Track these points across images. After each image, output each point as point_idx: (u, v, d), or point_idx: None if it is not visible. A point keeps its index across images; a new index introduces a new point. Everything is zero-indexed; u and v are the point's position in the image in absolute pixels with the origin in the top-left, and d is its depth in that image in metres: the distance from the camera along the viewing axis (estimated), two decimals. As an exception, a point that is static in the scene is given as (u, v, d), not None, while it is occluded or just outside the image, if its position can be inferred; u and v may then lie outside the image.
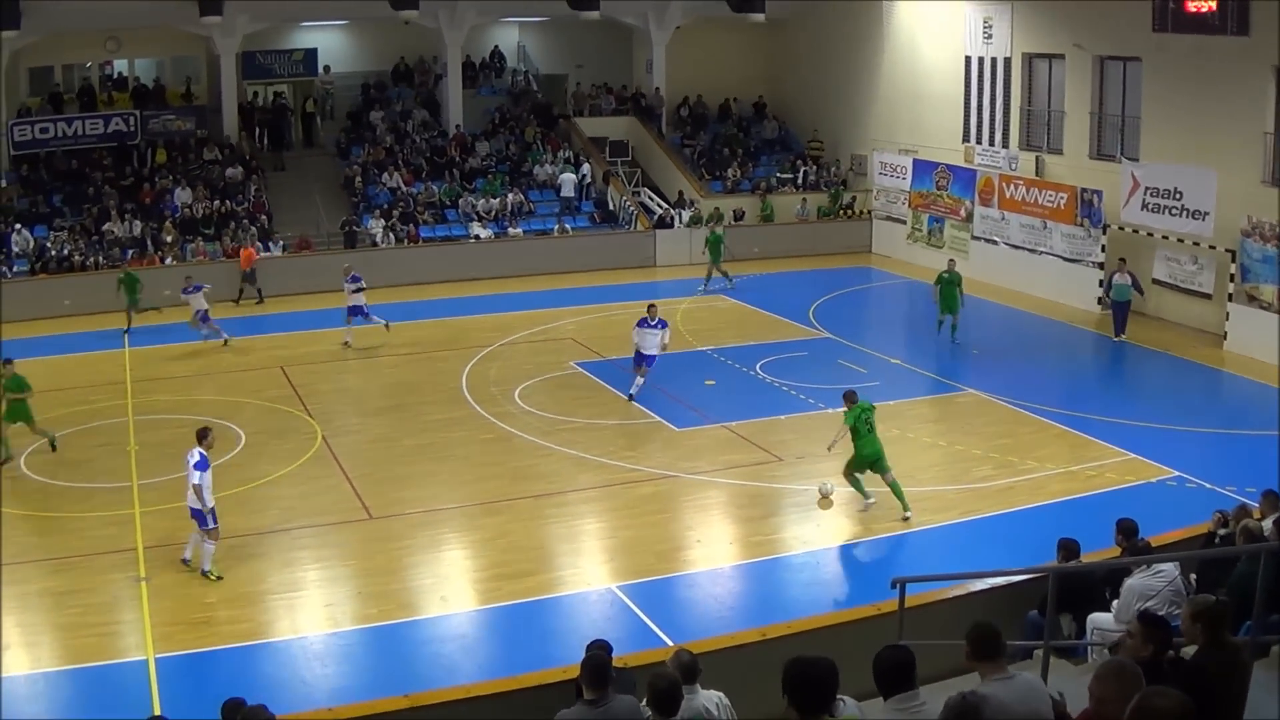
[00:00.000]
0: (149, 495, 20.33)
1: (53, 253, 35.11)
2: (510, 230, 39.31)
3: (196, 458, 17.17)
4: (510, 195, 40.34)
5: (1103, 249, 32.54)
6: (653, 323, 24.57)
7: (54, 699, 14.40)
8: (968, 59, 37.32)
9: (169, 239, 36.44)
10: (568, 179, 41.12)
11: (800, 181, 42.97)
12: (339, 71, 45.12)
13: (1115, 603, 12.00)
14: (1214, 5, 28.45)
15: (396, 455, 22.36)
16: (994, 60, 36.40)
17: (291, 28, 44.11)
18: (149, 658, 15.00)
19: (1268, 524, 12.67)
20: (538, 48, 49.68)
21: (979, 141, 37.24)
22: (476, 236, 38.84)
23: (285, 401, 25.69)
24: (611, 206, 41.22)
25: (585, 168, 42.09)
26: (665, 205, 41.13)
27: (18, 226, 35.51)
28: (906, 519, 18.77)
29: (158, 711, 13.17)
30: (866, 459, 18.92)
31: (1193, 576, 12.40)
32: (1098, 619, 12.21)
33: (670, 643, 14.05)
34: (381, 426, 24.14)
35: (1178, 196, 30.05)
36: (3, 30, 35.17)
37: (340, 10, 41.57)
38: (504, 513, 19.50)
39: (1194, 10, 28.93)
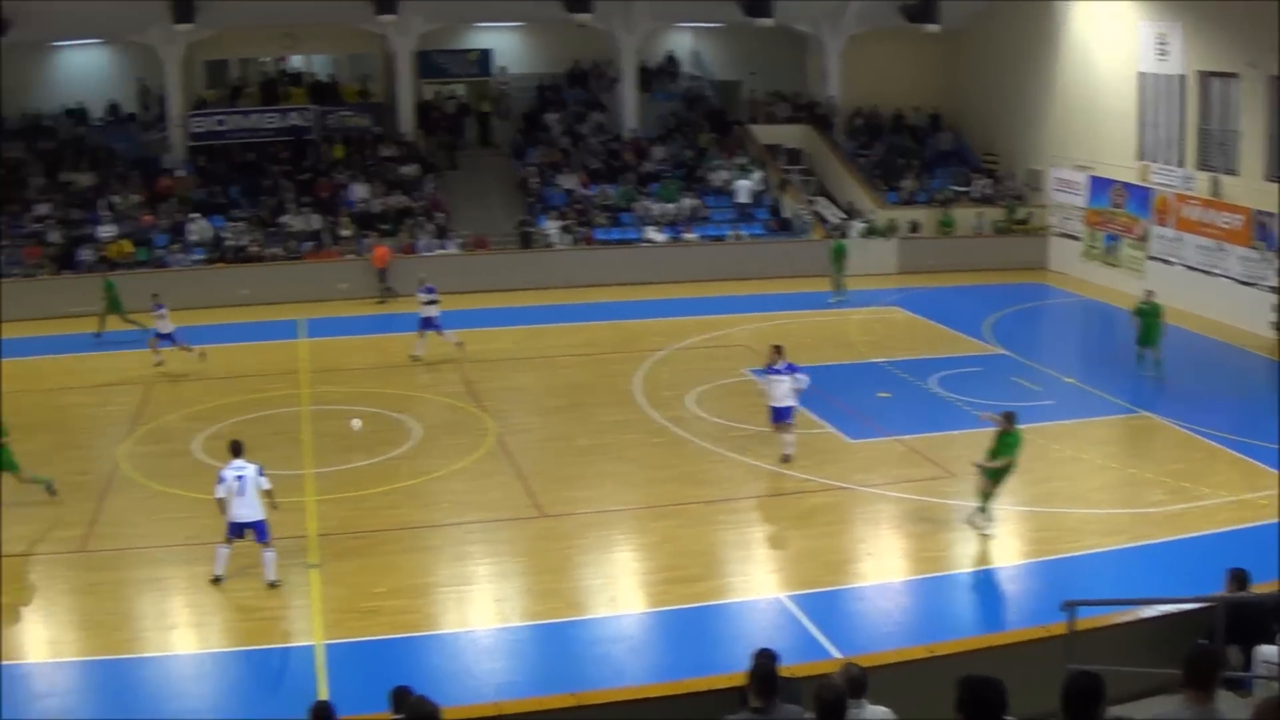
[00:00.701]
0: (321, 483, 20.86)
1: (230, 242, 36.33)
2: (684, 235, 39.48)
3: (252, 470, 16.99)
4: (685, 200, 40.54)
5: (1277, 273, 31.50)
6: (778, 368, 21.68)
7: (220, 679, 14.83)
8: (1141, 75, 36.40)
9: (346, 233, 37.44)
10: (743, 185, 41.11)
11: (975, 195, 42.38)
12: (514, 73, 45.80)
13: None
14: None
15: (569, 455, 22.57)
16: (1169, 78, 35.47)
17: (466, 28, 44.92)
18: (317, 643, 15.34)
19: None
20: (711, 53, 49.77)
21: (1154, 160, 36.33)
22: (651, 241, 39.11)
23: (459, 398, 26.16)
24: (786, 214, 41.13)
25: (760, 174, 42.10)
26: (841, 215, 40.90)
27: (195, 216, 36.82)
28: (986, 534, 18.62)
29: (323, 697, 13.50)
30: (1002, 476, 18.72)
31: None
32: (1265, 652, 11.85)
33: (837, 655, 14.03)
34: (554, 426, 24.40)
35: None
36: (178, 24, 36.56)
37: (515, 11, 42.23)
38: (674, 517, 19.53)
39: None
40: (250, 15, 38.18)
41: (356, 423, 22.50)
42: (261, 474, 17.02)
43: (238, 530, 16.91)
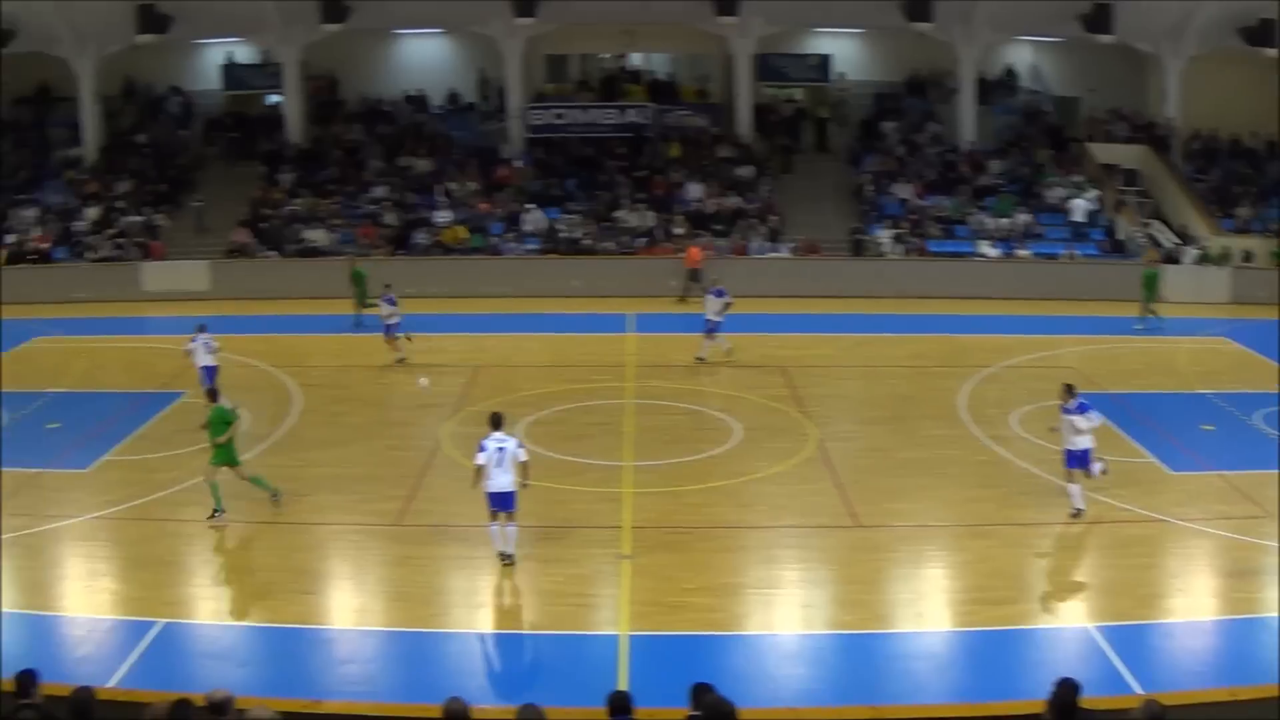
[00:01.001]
0: (640, 477, 20.88)
1: (564, 234, 36.94)
2: (1018, 251, 38.11)
3: (511, 443, 17.09)
4: (1020, 216, 39.13)
5: None
6: (1070, 407, 19.29)
7: (521, 661, 15.14)
8: None
9: (679, 231, 37.58)
10: (1079, 204, 39.40)
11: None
12: (852, 79, 45.13)
13: None
14: None
15: (889, 466, 21.93)
16: None
17: (806, 32, 44.54)
18: (621, 633, 15.31)
19: None
20: (1050, 68, 48.01)
21: None
22: (984, 255, 37.89)
23: (782, 401, 25.81)
24: (1120, 236, 39.18)
25: (1095, 194, 40.24)
26: (1175, 240, 38.72)
27: (530, 206, 37.59)
28: None
29: (623, 687, 13.37)
30: None
31: None
32: None
33: (1139, 690, 13.42)
34: (876, 436, 23.81)
35: None
36: (519, 18, 37.41)
37: (855, 17, 41.68)
38: (989, 537, 18.76)
39: None
40: (591, 12, 38.89)
41: (424, 381, 23.65)
42: (520, 447, 17.23)
43: (497, 501, 17.11)
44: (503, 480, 17.02)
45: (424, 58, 43.36)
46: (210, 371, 25.70)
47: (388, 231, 37.03)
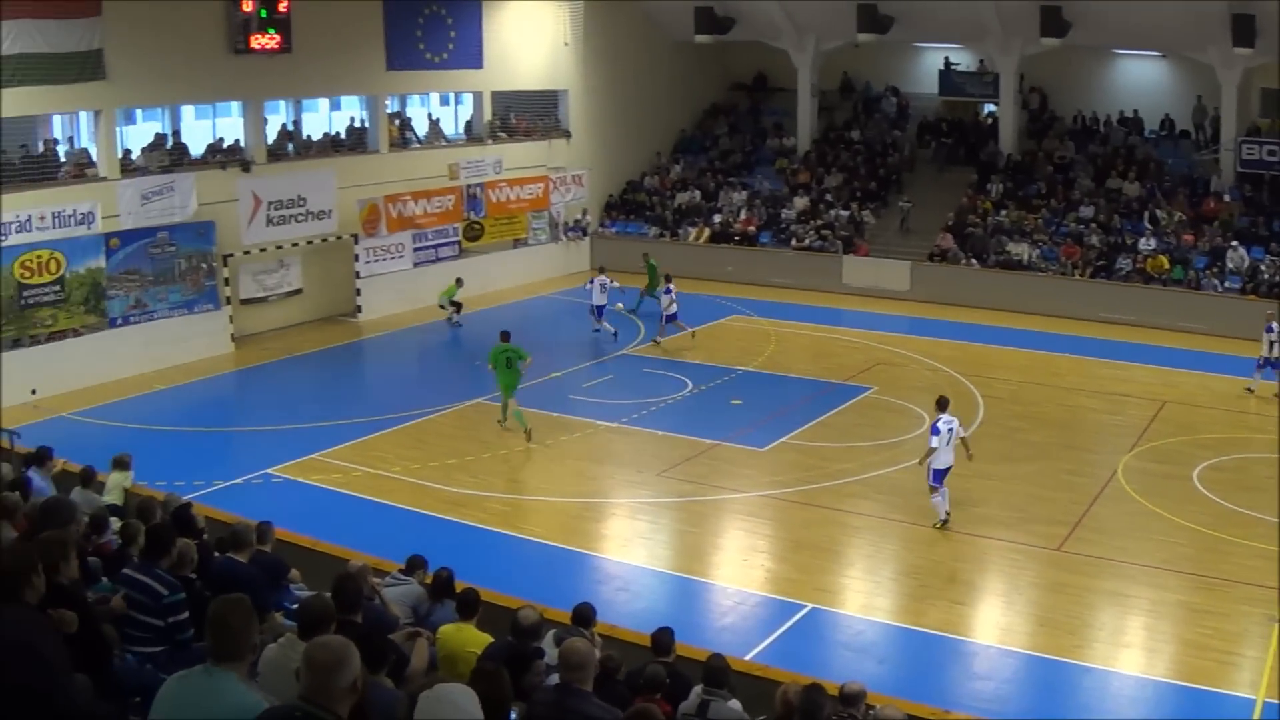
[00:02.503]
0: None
1: (1265, 276, 36.08)
2: None
3: (955, 422, 20.55)
4: None
5: None
6: None
7: (1149, 707, 15.25)
8: None
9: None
10: None
11: None
12: None
13: None
14: None
15: None
16: None
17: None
18: (1258, 698, 15.15)
19: None
20: None
21: None
22: None
23: None
24: None
25: None
26: None
27: (1235, 244, 36.92)
28: None
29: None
30: None
31: None
32: None
33: None
34: None
35: None
36: (1238, 47, 36.61)
37: None
38: None
39: None
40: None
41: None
42: (960, 426, 20.46)
43: (940, 477, 20.22)
44: (946, 457, 20.16)
45: (1139, 80, 43.29)
46: (600, 310, 33.74)
47: (1090, 253, 37.74)
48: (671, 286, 32.53)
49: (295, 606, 9.90)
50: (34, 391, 27.30)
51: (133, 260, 30.47)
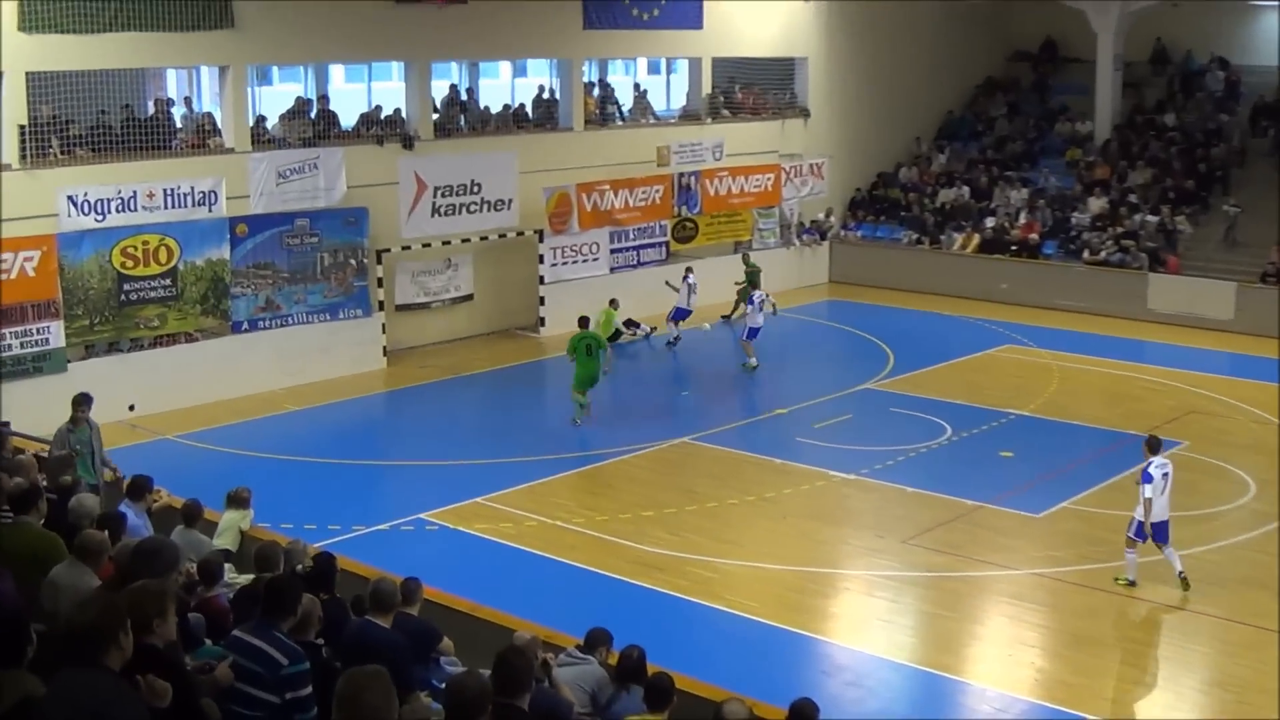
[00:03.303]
0: None
1: None
2: None
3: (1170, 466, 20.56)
4: None
5: None
6: None
7: None
8: None
9: None
10: None
11: None
12: None
13: None
14: None
15: None
16: None
17: None
18: None
19: None
20: None
21: None
22: None
23: None
24: None
25: None
26: None
27: None
28: None
29: None
30: None
31: None
32: None
33: None
34: None
35: None
36: None
37: None
38: None
39: None
40: None
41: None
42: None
43: (1161, 534, 20.21)
44: (1162, 509, 20.19)
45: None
46: (680, 313, 35.38)
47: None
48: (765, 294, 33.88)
49: (444, 685, 9.80)
50: (132, 408, 28.01)
51: (264, 252, 31.07)
